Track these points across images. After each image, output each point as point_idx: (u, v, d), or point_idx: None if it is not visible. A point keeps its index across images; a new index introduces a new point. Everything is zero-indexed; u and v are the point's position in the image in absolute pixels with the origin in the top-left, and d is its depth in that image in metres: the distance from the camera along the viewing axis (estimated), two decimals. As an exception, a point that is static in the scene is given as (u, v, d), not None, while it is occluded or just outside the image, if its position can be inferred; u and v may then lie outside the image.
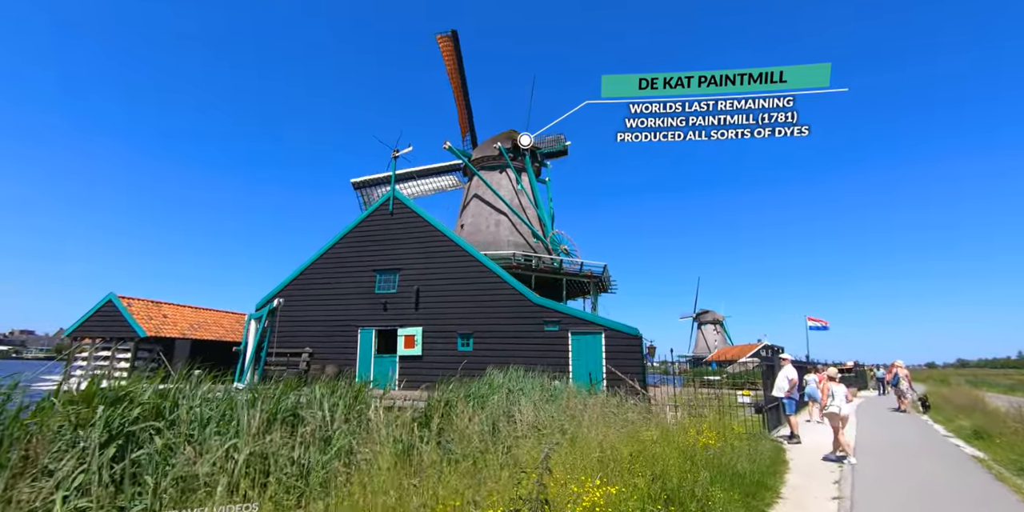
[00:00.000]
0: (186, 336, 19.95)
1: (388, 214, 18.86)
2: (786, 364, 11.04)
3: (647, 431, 6.50)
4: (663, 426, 7.60)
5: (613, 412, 9.05)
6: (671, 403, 15.32)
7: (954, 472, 7.80)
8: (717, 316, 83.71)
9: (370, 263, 18.58)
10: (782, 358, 11.30)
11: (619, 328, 15.42)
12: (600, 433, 6.07)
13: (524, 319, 16.30)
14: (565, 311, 15.98)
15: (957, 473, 7.71)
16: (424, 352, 17.07)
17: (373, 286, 18.33)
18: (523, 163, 33.80)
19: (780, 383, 10.68)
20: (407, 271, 18.03)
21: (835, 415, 8.75)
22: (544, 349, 15.83)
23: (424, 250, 18.02)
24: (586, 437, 5.87)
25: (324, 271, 19.17)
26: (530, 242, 31.55)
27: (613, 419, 7.72)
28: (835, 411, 8.73)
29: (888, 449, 9.84)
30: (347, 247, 19.12)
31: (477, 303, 16.92)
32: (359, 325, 18.10)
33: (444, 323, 17.12)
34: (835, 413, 8.73)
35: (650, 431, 6.49)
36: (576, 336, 15.73)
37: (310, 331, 18.66)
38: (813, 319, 29.00)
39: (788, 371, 10.78)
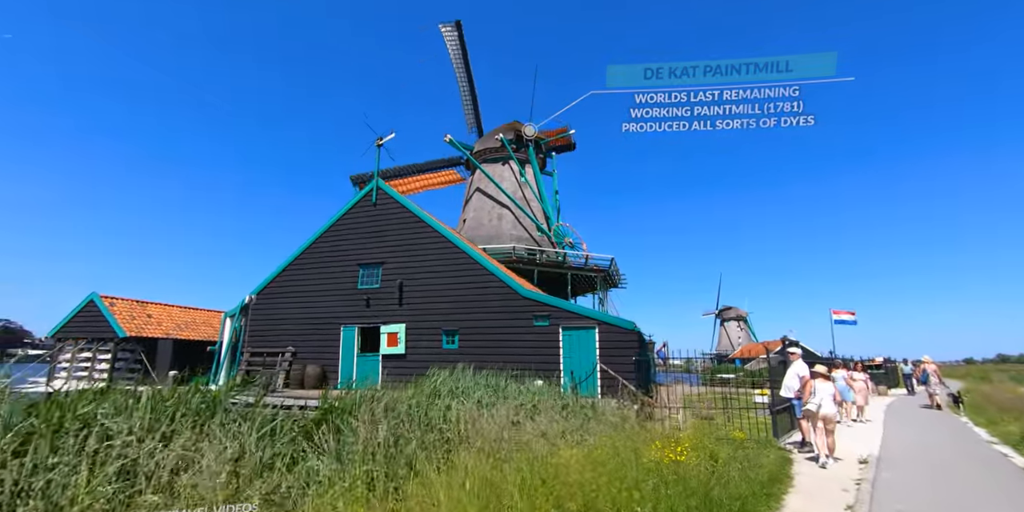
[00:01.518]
0: (170, 336, 19.30)
1: (372, 205, 17.84)
2: (796, 360, 9.58)
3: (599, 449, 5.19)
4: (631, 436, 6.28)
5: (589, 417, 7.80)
6: (676, 405, 13.94)
7: (1004, 490, 6.30)
8: (740, 312, 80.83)
9: (353, 257, 17.60)
10: (791, 353, 9.82)
11: (614, 322, 14.07)
12: (538, 448, 4.83)
13: (513, 314, 15.07)
14: (555, 304, 14.70)
15: (1008, 491, 6.22)
16: (407, 350, 15.99)
17: (356, 281, 17.34)
18: (527, 155, 32.51)
19: (789, 381, 9.25)
20: (391, 264, 16.98)
21: (811, 413, 8.39)
22: (533, 346, 14.58)
23: (408, 242, 16.95)
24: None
25: (307, 266, 18.26)
26: (534, 236, 30.27)
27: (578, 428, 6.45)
28: (811, 409, 8.36)
29: (919, 458, 8.33)
30: (330, 241, 18.17)
31: (463, 297, 15.77)
32: (342, 322, 17.13)
33: (428, 319, 16.02)
34: (811, 411, 8.37)
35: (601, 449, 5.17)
36: (568, 331, 14.43)
37: (293, 329, 17.78)
38: (839, 312, 27.06)
39: (798, 368, 9.33)
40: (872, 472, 6.94)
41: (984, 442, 10.12)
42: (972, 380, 35.01)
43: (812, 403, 8.49)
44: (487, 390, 7.39)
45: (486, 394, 6.88)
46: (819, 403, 8.39)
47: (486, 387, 7.86)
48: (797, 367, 9.39)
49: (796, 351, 9.92)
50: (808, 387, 8.68)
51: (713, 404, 14.77)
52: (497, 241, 28.50)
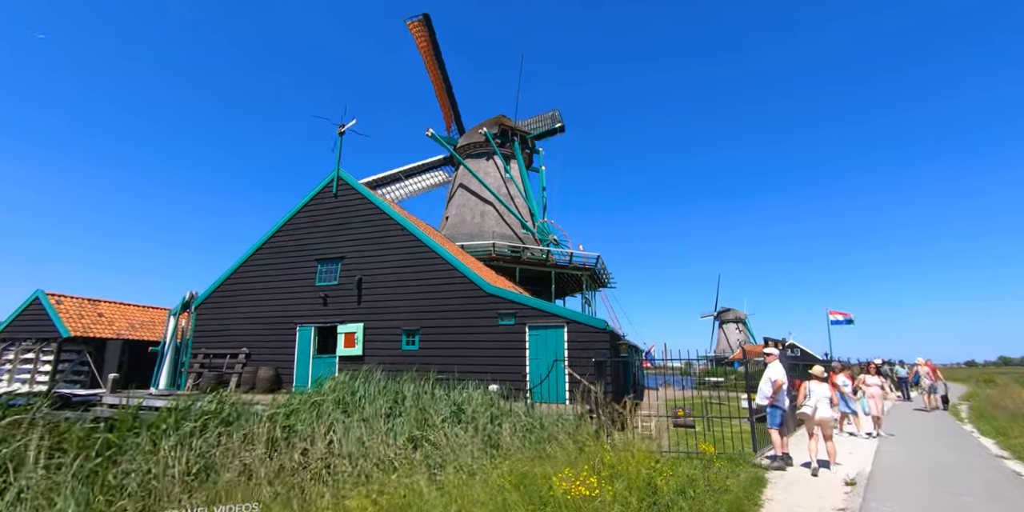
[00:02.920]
0: (121, 336, 18.12)
1: (333, 197, 16.68)
2: (772, 362, 8.35)
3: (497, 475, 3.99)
4: (556, 458, 5.08)
5: (527, 430, 6.60)
6: (651, 413, 12.70)
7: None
8: (739, 314, 79.63)
9: (312, 252, 16.43)
10: (767, 354, 8.57)
11: (584, 320, 12.86)
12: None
13: (476, 312, 13.88)
14: (521, 301, 13.50)
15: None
16: (365, 352, 14.79)
17: (315, 278, 16.16)
18: (512, 149, 31.38)
19: (763, 387, 8.03)
20: (350, 260, 15.81)
21: (807, 417, 8.06)
22: (498, 347, 13.38)
23: (370, 236, 15.77)
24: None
25: (264, 263, 17.10)
26: (519, 234, 29.10)
27: (481, 449, 5.25)
28: (807, 412, 8.04)
29: (917, 480, 7.09)
30: (289, 235, 17.00)
31: (425, 294, 14.58)
32: (298, 322, 15.95)
33: (388, 318, 14.82)
34: (807, 415, 8.05)
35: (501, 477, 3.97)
36: (535, 331, 13.22)
37: (247, 329, 16.61)
38: (835, 312, 25.76)
39: (772, 371, 8.12)
40: (859, 500, 5.71)
41: (993, 457, 8.89)
42: (976, 383, 33.52)
43: (807, 406, 8.10)
44: (390, 399, 6.15)
45: (386, 404, 5.66)
46: (814, 406, 8.03)
47: (395, 395, 6.62)
48: (771, 370, 8.18)
49: (772, 352, 8.67)
50: (803, 389, 8.25)
51: (692, 410, 13.55)
52: (479, 239, 27.34)
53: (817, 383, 8.19)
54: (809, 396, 8.19)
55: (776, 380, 8.00)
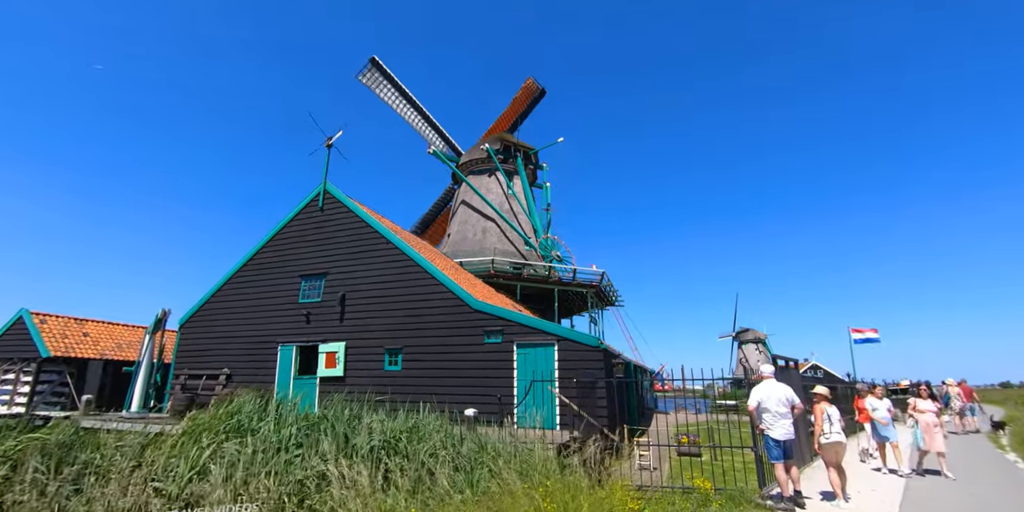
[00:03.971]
0: (104, 356, 17.57)
1: (319, 211, 16.15)
2: (765, 381, 7.24)
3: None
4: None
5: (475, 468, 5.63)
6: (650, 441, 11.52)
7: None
8: (758, 334, 76.79)
9: (296, 268, 15.81)
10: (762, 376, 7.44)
11: (576, 338, 11.87)
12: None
13: (462, 329, 12.99)
14: (509, 317, 12.59)
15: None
16: (347, 372, 13.94)
17: (298, 295, 15.49)
18: (515, 165, 30.88)
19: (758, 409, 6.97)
20: (334, 275, 15.13)
21: (838, 444, 7.11)
22: (484, 366, 12.43)
23: (354, 250, 15.12)
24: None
25: (248, 279, 16.53)
26: (521, 250, 28.27)
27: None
28: (838, 440, 7.13)
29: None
30: (274, 250, 16.45)
31: (409, 311, 13.76)
32: (280, 341, 15.21)
33: (371, 336, 14.01)
34: (838, 442, 7.11)
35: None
36: (523, 349, 12.27)
37: (229, 349, 15.93)
38: (858, 330, 24.23)
39: (760, 392, 7.05)
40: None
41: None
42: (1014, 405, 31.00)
43: (833, 433, 7.18)
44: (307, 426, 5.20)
45: (294, 435, 4.73)
46: (839, 431, 7.21)
47: (319, 421, 5.66)
48: (759, 391, 7.08)
49: (764, 371, 7.56)
50: (820, 414, 7.37)
51: (699, 437, 12.33)
52: (481, 255, 26.59)
53: (829, 406, 7.37)
54: (830, 421, 7.26)
55: (751, 406, 6.95)
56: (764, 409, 6.97)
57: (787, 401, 6.99)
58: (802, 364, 62.79)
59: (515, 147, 31.01)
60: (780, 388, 7.16)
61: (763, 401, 7.02)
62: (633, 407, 16.13)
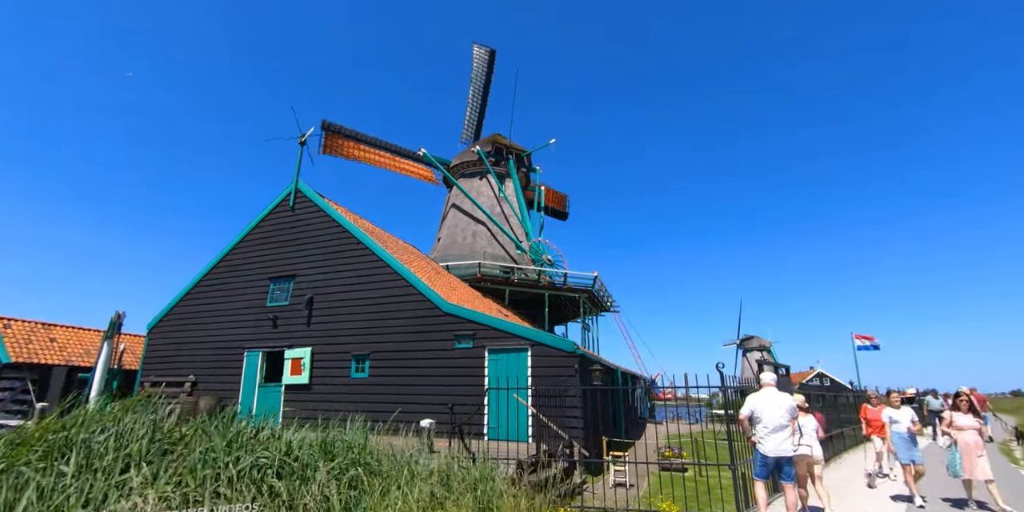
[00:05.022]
0: (70, 362, 16.89)
1: (290, 211, 15.49)
2: (764, 389, 6.48)
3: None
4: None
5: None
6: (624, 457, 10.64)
7: None
8: (763, 342, 75.34)
9: (265, 270, 15.13)
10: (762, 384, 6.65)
11: (550, 343, 11.08)
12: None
13: (432, 333, 12.23)
14: (480, 320, 11.81)
15: None
16: (312, 380, 13.18)
17: (266, 298, 14.78)
18: (507, 168, 30.24)
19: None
20: (303, 277, 14.43)
21: (802, 458, 6.57)
22: (454, 374, 11.64)
23: (323, 250, 14.43)
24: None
25: (217, 282, 15.85)
26: (512, 255, 27.51)
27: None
28: (804, 452, 6.58)
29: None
30: (244, 252, 15.78)
31: (378, 314, 13.02)
32: (246, 347, 14.49)
33: (338, 341, 13.26)
34: (803, 455, 6.56)
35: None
36: (494, 355, 11.48)
37: (196, 355, 15.23)
38: (861, 337, 23.25)
39: (754, 400, 6.29)
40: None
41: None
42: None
43: (802, 445, 6.60)
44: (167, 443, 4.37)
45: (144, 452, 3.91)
46: (810, 444, 6.75)
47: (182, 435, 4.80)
48: (753, 401, 6.30)
49: (764, 378, 6.76)
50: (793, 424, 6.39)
51: (683, 451, 11.47)
52: (470, 260, 25.85)
53: (801, 414, 6.83)
54: (800, 433, 6.69)
55: (741, 413, 6.24)
56: (757, 420, 6.24)
57: (787, 412, 6.18)
58: (807, 373, 61.40)
59: (507, 149, 30.41)
60: (779, 398, 6.33)
61: (756, 410, 6.28)
62: (619, 417, 15.26)
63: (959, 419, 7.53)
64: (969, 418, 7.55)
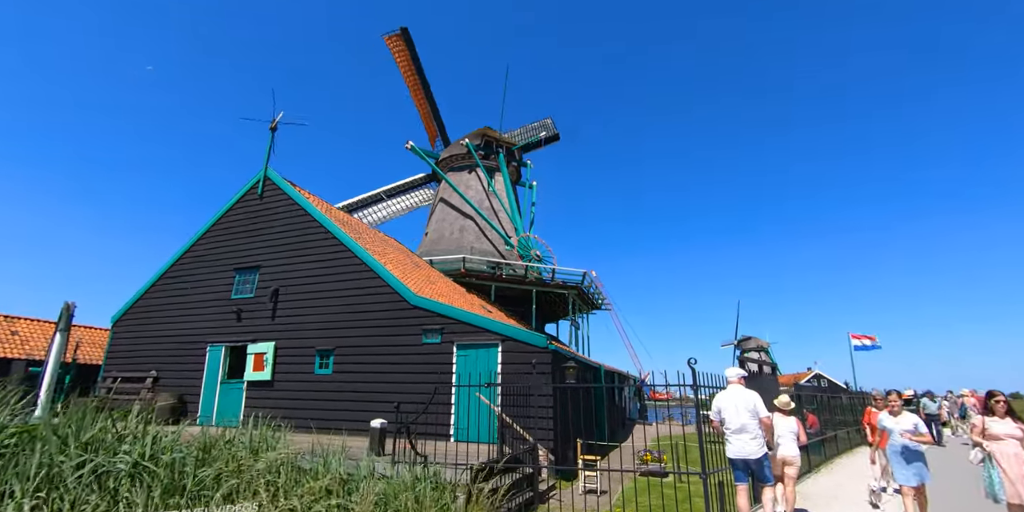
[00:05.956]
0: (30, 356, 16.19)
1: (258, 199, 14.78)
2: (730, 387, 5.90)
3: None
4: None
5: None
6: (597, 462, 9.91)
7: None
8: (761, 343, 74.76)
9: (231, 261, 14.42)
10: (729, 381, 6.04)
11: (521, 338, 10.37)
12: None
13: (399, 328, 11.52)
14: (449, 314, 11.10)
15: None
16: (275, 376, 12.47)
17: (231, 290, 14.08)
18: (496, 162, 29.53)
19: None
20: (268, 268, 13.72)
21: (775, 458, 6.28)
22: (421, 370, 10.92)
23: (290, 240, 13.72)
24: None
25: (182, 273, 15.15)
26: (501, 250, 26.77)
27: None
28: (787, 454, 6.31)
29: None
30: (210, 242, 15.08)
31: (344, 307, 12.32)
32: (209, 341, 13.78)
33: (302, 336, 12.56)
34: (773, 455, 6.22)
35: None
36: (463, 350, 10.77)
37: (158, 350, 14.52)
38: (858, 336, 22.51)
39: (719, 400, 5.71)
40: None
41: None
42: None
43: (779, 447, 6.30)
44: None
45: None
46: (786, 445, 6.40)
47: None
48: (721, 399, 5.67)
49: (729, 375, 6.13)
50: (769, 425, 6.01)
51: (664, 454, 10.74)
52: (457, 255, 25.13)
53: (781, 416, 6.57)
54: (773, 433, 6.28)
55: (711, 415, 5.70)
56: (723, 420, 5.82)
57: (748, 412, 5.61)
58: (804, 373, 60.67)
59: (497, 143, 29.70)
60: (743, 395, 5.81)
61: (722, 410, 5.84)
62: (602, 418, 14.54)
63: (995, 426, 5.80)
64: (1008, 424, 6.04)
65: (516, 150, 30.82)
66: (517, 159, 31.21)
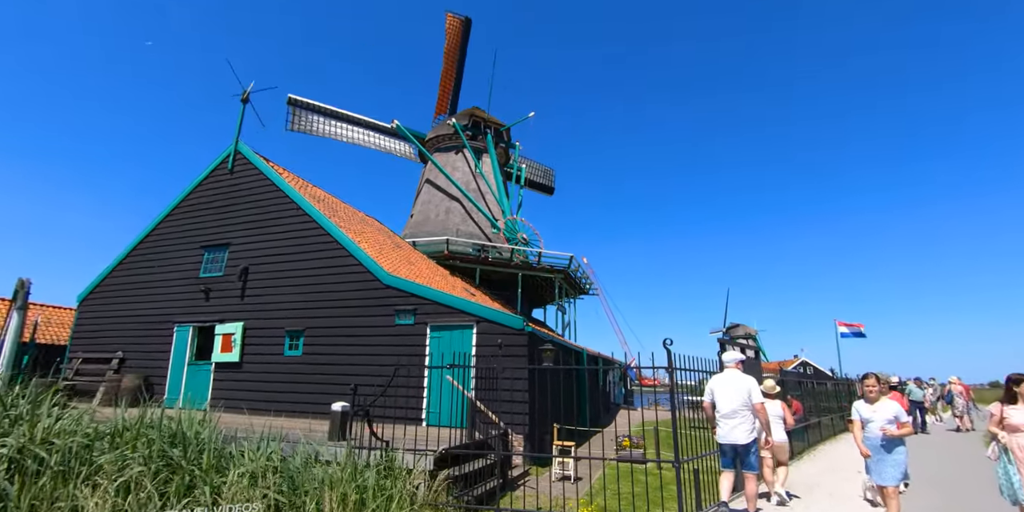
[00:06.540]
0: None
1: (228, 173, 14.11)
2: (726, 371, 5.69)
3: None
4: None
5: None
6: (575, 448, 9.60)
7: None
8: (749, 330, 75.37)
9: (199, 238, 13.81)
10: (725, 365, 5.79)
11: (497, 319, 9.94)
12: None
13: (372, 308, 11.05)
14: (422, 294, 10.63)
15: None
16: (243, 358, 12.00)
17: (200, 268, 13.50)
18: (484, 143, 28.81)
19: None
20: (238, 245, 13.14)
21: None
22: (394, 353, 10.47)
23: (260, 216, 13.12)
24: None
25: (149, 251, 14.53)
26: (487, 233, 26.24)
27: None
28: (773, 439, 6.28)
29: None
30: (178, 218, 14.44)
31: (316, 287, 11.81)
32: (177, 321, 13.24)
33: (271, 316, 12.06)
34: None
35: None
36: (437, 332, 10.33)
37: (125, 330, 13.97)
38: (845, 323, 22.36)
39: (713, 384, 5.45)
40: None
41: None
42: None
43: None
44: None
45: None
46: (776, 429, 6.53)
47: None
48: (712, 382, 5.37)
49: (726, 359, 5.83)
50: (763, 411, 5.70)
51: (643, 440, 10.44)
52: (441, 237, 24.58)
53: (767, 400, 6.40)
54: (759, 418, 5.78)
55: (704, 400, 5.38)
56: (715, 403, 5.72)
57: (740, 397, 5.39)
58: (791, 361, 61.20)
59: (485, 123, 28.93)
60: (737, 380, 5.69)
61: (715, 394, 5.71)
62: (584, 402, 14.24)
63: (1015, 415, 4.85)
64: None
65: (505, 131, 30.08)
66: (506, 140, 30.50)
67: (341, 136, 27.97)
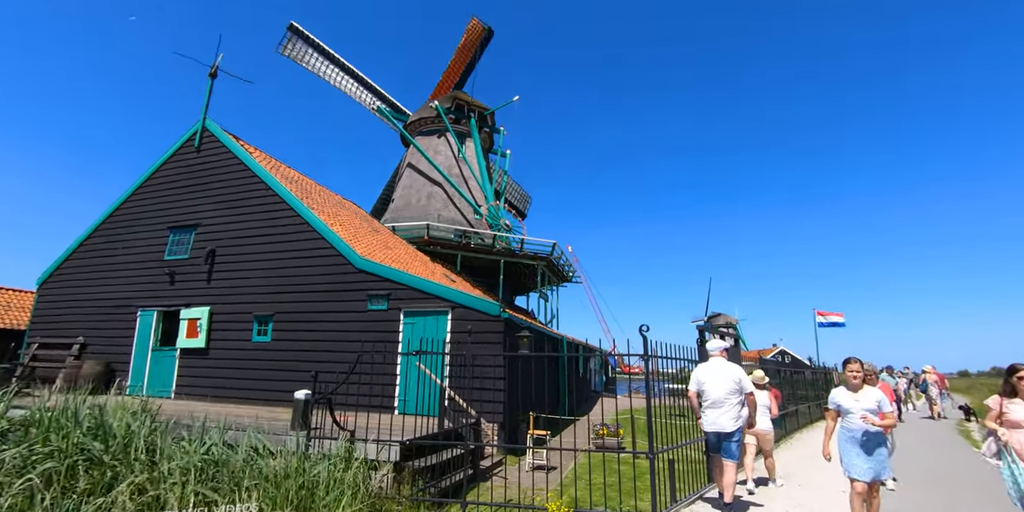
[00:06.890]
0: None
1: (195, 151, 13.46)
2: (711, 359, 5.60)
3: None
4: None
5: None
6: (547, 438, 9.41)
7: None
8: (730, 319, 76.56)
9: (165, 219, 13.20)
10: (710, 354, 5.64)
11: (473, 305, 9.62)
12: None
13: (344, 293, 10.65)
14: (396, 278, 10.26)
15: None
16: (209, 344, 11.53)
17: (165, 250, 12.92)
18: (468, 127, 28.21)
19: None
20: (205, 227, 12.58)
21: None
22: (366, 339, 10.07)
23: (229, 197, 12.56)
24: None
25: (112, 232, 13.87)
26: (470, 219, 25.79)
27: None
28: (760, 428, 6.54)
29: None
30: (143, 198, 13.78)
31: (285, 270, 11.35)
32: (140, 305, 12.69)
33: (239, 300, 11.59)
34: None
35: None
36: (410, 317, 9.99)
37: (86, 314, 13.37)
38: (824, 313, 22.52)
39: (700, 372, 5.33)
40: None
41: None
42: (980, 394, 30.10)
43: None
44: None
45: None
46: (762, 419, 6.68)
47: None
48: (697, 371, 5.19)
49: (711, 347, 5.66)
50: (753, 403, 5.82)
51: (620, 428, 10.28)
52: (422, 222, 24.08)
53: (759, 391, 6.69)
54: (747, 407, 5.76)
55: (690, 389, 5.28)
56: (701, 392, 5.63)
57: (728, 385, 5.27)
58: (770, 349, 62.18)
59: (469, 107, 28.28)
60: (725, 369, 5.59)
61: (702, 383, 5.59)
62: (563, 390, 14.09)
63: (1016, 409, 4.34)
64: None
65: (489, 115, 29.47)
66: (490, 125, 29.91)
67: (329, 78, 27.26)
